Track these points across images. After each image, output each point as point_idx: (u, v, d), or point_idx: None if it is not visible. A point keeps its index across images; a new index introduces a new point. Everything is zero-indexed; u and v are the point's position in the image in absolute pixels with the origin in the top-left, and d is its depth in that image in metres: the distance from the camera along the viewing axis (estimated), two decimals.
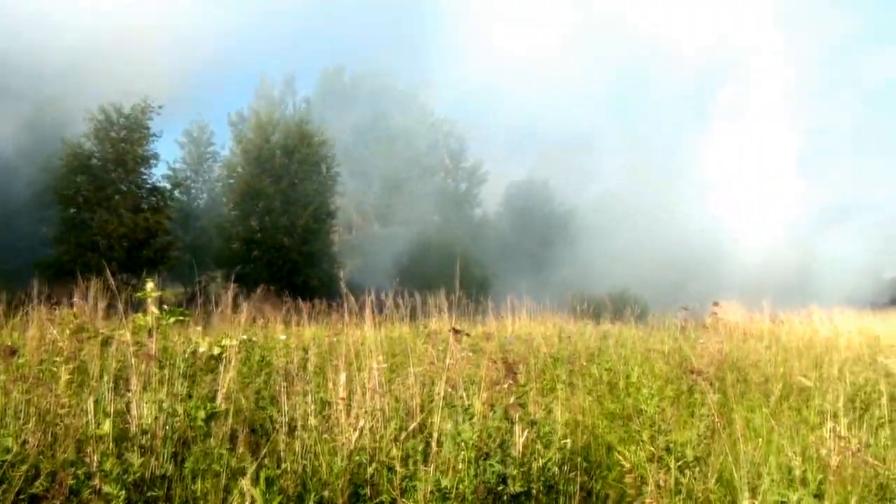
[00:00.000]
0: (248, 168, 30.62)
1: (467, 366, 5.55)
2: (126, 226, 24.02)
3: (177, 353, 5.69)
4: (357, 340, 5.62)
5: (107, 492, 3.16)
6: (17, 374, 4.51)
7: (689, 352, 8.25)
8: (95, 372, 4.96)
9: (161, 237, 25.84)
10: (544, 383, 6.93)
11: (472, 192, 49.03)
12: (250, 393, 5.41)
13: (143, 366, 4.39)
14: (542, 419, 4.38)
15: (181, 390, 4.63)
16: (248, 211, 30.01)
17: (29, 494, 3.22)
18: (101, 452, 3.47)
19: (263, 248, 28.94)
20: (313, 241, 29.99)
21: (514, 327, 11.76)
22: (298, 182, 30.40)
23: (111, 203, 24.76)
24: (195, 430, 4.06)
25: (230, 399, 4.65)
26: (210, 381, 5.20)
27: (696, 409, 6.05)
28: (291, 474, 3.81)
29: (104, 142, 25.13)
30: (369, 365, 4.63)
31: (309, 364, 5.85)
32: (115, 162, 25.05)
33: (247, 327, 7.97)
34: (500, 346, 8.23)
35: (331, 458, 3.85)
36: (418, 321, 9.84)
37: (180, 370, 4.88)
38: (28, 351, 5.43)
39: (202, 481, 3.58)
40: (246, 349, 7.09)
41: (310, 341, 7.68)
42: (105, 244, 23.48)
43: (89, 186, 24.68)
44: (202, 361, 6.11)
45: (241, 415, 4.59)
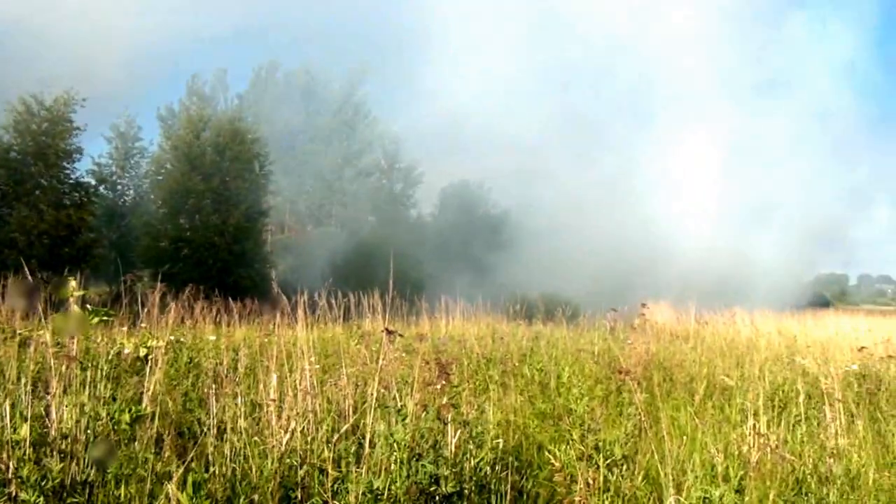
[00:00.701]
0: (177, 165, 29.85)
1: (400, 366, 5.55)
2: (47, 222, 23.10)
3: (100, 354, 5.51)
4: (289, 341, 5.56)
5: (24, 499, 3.03)
6: None
7: (617, 352, 8.44)
8: (12, 374, 4.76)
9: (84, 234, 24.95)
10: (477, 384, 6.99)
11: (407, 193, 49.04)
12: (178, 395, 5.29)
13: (64, 368, 4.24)
14: (475, 419, 4.42)
15: (105, 393, 4.49)
16: (178, 209, 29.27)
17: None
18: (18, 458, 3.33)
19: (193, 246, 28.26)
20: (245, 240, 29.46)
21: (447, 328, 11.81)
22: (230, 180, 29.80)
23: (31, 198, 23.77)
24: (119, 434, 3.94)
25: (157, 402, 4.54)
26: (136, 384, 5.07)
27: (624, 408, 6.21)
28: (220, 478, 3.74)
29: (24, 134, 24.12)
30: (301, 366, 4.59)
31: (239, 365, 5.76)
32: (36, 155, 24.04)
33: (175, 328, 7.77)
34: (433, 346, 8.25)
35: (261, 461, 3.80)
36: (352, 322, 9.78)
37: (104, 372, 4.73)
38: None
39: (126, 486, 3.48)
40: (174, 350, 6.93)
41: (240, 342, 7.55)
42: (24, 241, 22.51)
43: (8, 181, 23.65)
44: (127, 363, 5.94)
45: (168, 418, 4.48)
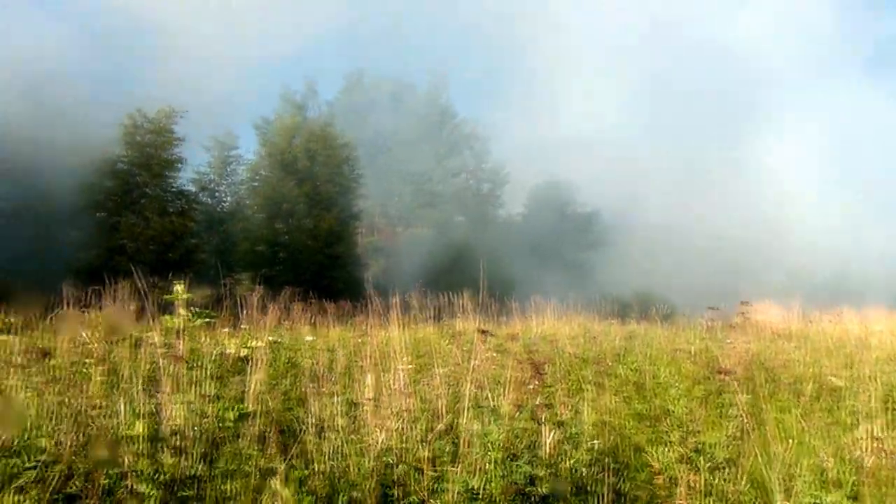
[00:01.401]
0: (272, 171, 30.84)
1: (493, 366, 5.54)
2: (153, 229, 24.30)
3: (205, 354, 5.75)
4: (382, 342, 5.64)
5: (140, 491, 3.20)
6: (50, 375, 4.59)
7: (716, 352, 8.17)
8: (126, 374, 5.02)
9: (187, 240, 26.10)
10: (570, 384, 6.90)
11: (495, 193, 48.93)
12: (278, 394, 5.44)
13: (173, 367, 4.44)
14: (570, 420, 4.37)
15: (210, 391, 4.67)
16: (273, 214, 30.22)
17: (65, 494, 3.27)
18: (134, 453, 3.51)
19: (288, 250, 29.13)
20: (337, 243, 30.12)
21: (539, 328, 11.72)
22: (322, 184, 30.54)
23: (138, 206, 25.06)
24: (225, 431, 4.09)
25: (259, 400, 4.69)
26: (238, 383, 5.24)
27: (724, 409, 5.99)
28: (320, 475, 3.83)
29: (131, 146, 25.45)
30: (395, 366, 4.64)
31: (336, 365, 5.88)
32: (142, 166, 25.34)
33: (273, 329, 8.02)
34: (525, 346, 8.21)
35: (359, 458, 3.86)
36: (443, 322, 9.84)
37: (209, 371, 4.93)
38: (61, 353, 5.51)
39: (233, 481, 3.61)
40: (273, 350, 7.13)
41: (336, 343, 7.72)
42: (133, 247, 23.76)
43: (117, 191, 25.01)
44: (230, 363, 6.17)
45: (270, 416, 4.61)
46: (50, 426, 3.96)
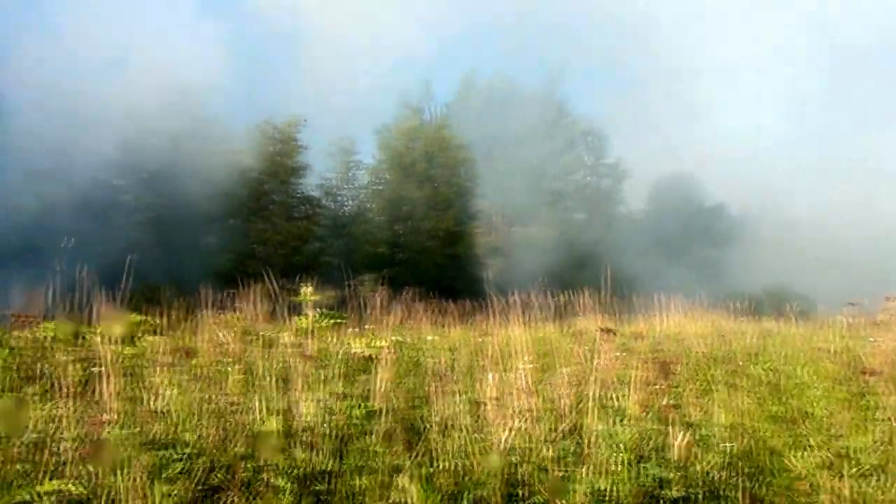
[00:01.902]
0: (391, 175, 31.57)
1: (617, 366, 5.42)
2: (280, 234, 25.49)
3: (332, 353, 5.94)
4: (503, 341, 5.63)
5: (276, 485, 3.35)
6: (193, 374, 4.88)
7: (859, 351, 7.64)
8: (260, 372, 5.26)
9: (313, 243, 27.24)
10: (700, 384, 6.65)
11: (615, 189, 47.84)
12: (403, 392, 5.54)
13: (303, 366, 4.61)
14: (701, 421, 4.21)
15: (338, 389, 4.82)
16: (394, 216, 30.93)
17: (208, 486, 3.47)
18: (270, 448, 3.68)
19: (408, 251, 29.72)
20: (456, 243, 30.45)
21: (665, 326, 11.36)
22: (440, 186, 30.97)
23: (267, 212, 26.36)
24: (353, 428, 4.22)
25: (384, 398, 4.80)
26: (364, 381, 5.38)
27: (870, 412, 5.59)
28: (446, 472, 3.87)
29: (260, 156, 26.78)
30: (517, 365, 4.63)
31: (458, 364, 5.93)
32: (270, 174, 26.64)
33: (397, 329, 8.18)
34: (650, 345, 7.98)
35: (484, 457, 3.88)
36: (564, 321, 9.71)
37: (337, 370, 5.08)
38: (202, 352, 5.84)
39: (362, 477, 3.71)
40: (397, 350, 7.27)
41: (457, 342, 7.78)
42: (263, 251, 25.00)
43: (248, 198, 26.41)
44: (356, 362, 6.33)
45: (396, 413, 4.71)
46: (193, 421, 4.22)
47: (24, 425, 3.96)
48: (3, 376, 5.44)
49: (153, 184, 26.55)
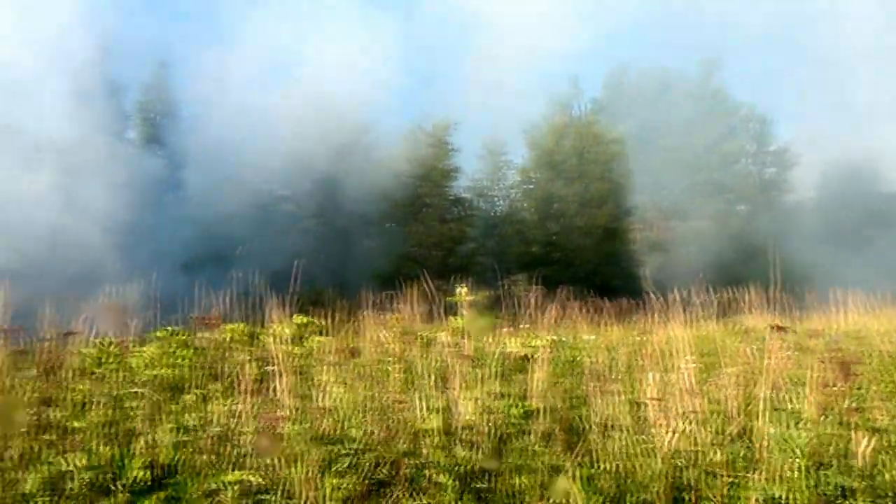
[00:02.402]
0: (541, 173, 31.41)
1: (790, 365, 5.10)
2: (435, 236, 26.14)
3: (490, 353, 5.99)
4: (663, 340, 5.46)
5: (440, 481, 3.44)
6: (357, 372, 5.10)
7: None
8: (420, 371, 5.40)
9: (466, 244, 27.70)
10: (885, 386, 6.11)
11: (781, 178, 44.85)
12: (560, 392, 5.50)
13: (461, 365, 4.69)
14: (889, 426, 3.87)
15: (496, 389, 4.86)
16: (545, 215, 30.76)
17: (375, 480, 3.62)
18: (431, 445, 3.78)
19: (562, 250, 29.44)
20: (611, 240, 29.83)
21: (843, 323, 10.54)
22: (592, 183, 30.45)
23: (421, 215, 27.11)
24: (511, 428, 4.24)
25: (542, 397, 4.78)
26: (521, 381, 5.39)
27: None
28: (607, 474, 3.81)
29: (414, 160, 27.56)
30: (679, 365, 4.47)
31: (616, 364, 5.81)
32: (423, 177, 27.38)
33: (552, 328, 8.13)
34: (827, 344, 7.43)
35: (647, 459, 3.78)
36: (728, 319, 9.27)
37: (493, 370, 5.12)
38: (365, 352, 6.08)
39: (522, 476, 3.72)
40: (553, 349, 7.23)
41: (615, 341, 7.62)
42: (419, 254, 25.72)
43: (404, 202, 27.27)
44: (513, 361, 6.36)
45: (554, 413, 4.68)
46: (359, 418, 4.41)
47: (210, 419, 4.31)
48: (190, 374, 5.94)
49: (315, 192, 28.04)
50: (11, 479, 3.41)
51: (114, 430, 4.17)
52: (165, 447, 3.80)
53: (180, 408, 4.73)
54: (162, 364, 5.92)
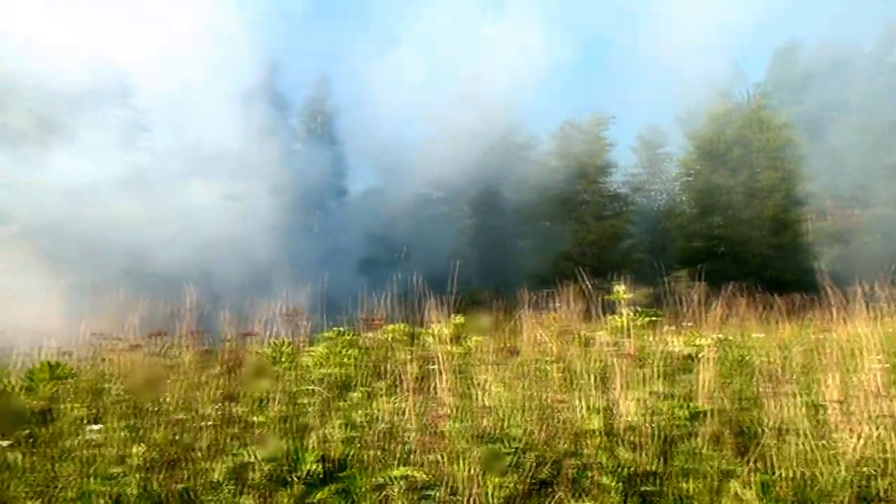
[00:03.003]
0: (702, 164, 30.02)
1: None
2: (593, 233, 25.71)
3: (652, 352, 5.81)
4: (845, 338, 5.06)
5: (604, 483, 3.38)
6: (517, 372, 5.12)
7: None
8: (579, 370, 5.34)
9: (624, 241, 27.04)
10: None
11: None
12: (730, 393, 5.24)
13: (622, 365, 4.59)
14: None
15: (660, 389, 4.71)
16: (707, 207, 29.38)
17: (537, 479, 3.61)
18: (595, 446, 3.72)
19: (727, 243, 28.01)
20: (782, 232, 28.00)
21: None
22: (759, 172, 28.73)
23: (577, 213, 26.76)
24: (678, 429, 4.09)
25: (710, 399, 4.58)
26: (687, 381, 5.19)
27: None
28: (785, 481, 3.57)
29: (566, 157, 27.29)
30: (865, 365, 4.12)
31: (791, 364, 5.45)
32: (578, 174, 27.02)
33: (719, 326, 7.76)
34: None
35: (830, 466, 3.51)
36: None
37: (656, 369, 4.97)
38: (524, 351, 6.09)
39: (691, 480, 3.58)
40: (721, 348, 6.90)
41: (789, 339, 7.15)
42: (576, 252, 25.42)
43: (558, 200, 27.06)
44: (677, 361, 6.14)
45: (724, 415, 4.46)
46: (519, 417, 4.42)
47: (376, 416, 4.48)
48: (356, 373, 6.22)
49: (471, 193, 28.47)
50: (202, 469, 3.72)
51: (289, 424, 4.44)
52: (336, 442, 3.99)
53: (348, 405, 4.95)
54: (331, 363, 6.23)
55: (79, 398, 5.30)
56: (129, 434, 4.29)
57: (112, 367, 6.42)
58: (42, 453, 4.21)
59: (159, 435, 4.20)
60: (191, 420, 4.34)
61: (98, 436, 4.20)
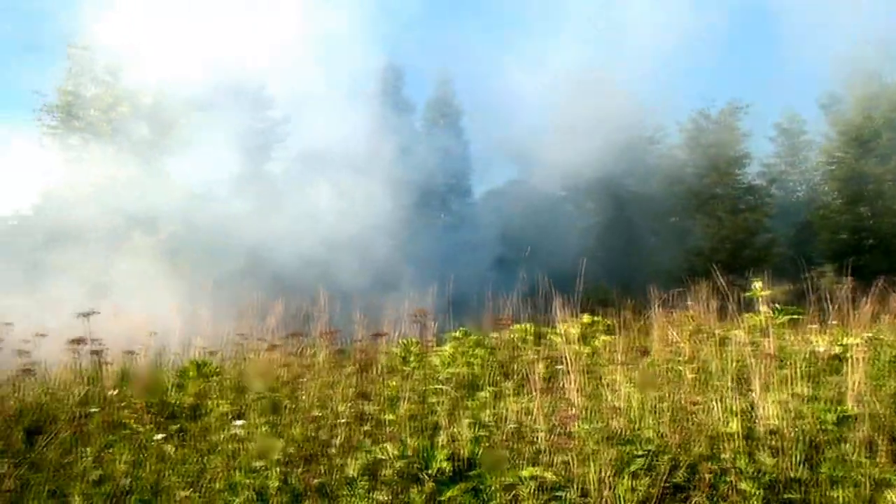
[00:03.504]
0: (848, 151, 28.04)
1: None
2: (726, 228, 24.58)
3: (794, 352, 5.51)
4: None
5: (743, 489, 3.22)
6: (647, 372, 4.98)
7: None
8: (715, 371, 5.13)
9: (761, 235, 25.66)
10: None
11: None
12: (883, 396, 4.87)
13: (762, 365, 4.37)
14: None
15: (803, 391, 4.45)
16: (854, 197, 27.41)
17: (672, 483, 3.49)
18: (733, 450, 3.56)
19: (876, 236, 26.04)
20: None
21: None
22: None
23: (709, 207, 25.66)
24: (825, 434, 3.84)
25: (861, 402, 4.28)
26: (834, 383, 4.88)
27: None
28: None
29: (695, 149, 26.26)
30: None
31: None
32: (708, 167, 25.92)
33: (869, 324, 7.25)
34: None
35: None
36: None
37: (800, 370, 4.70)
38: (655, 351, 5.93)
39: (840, 489, 3.36)
40: (872, 348, 6.43)
41: None
42: (708, 248, 24.40)
43: (687, 194, 26.07)
44: (823, 361, 5.78)
45: (876, 420, 4.15)
46: (651, 419, 4.30)
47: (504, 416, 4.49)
48: (483, 372, 6.25)
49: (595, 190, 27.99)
50: (337, 465, 3.85)
51: (419, 423, 4.53)
52: (465, 441, 4.03)
53: (476, 404, 4.99)
54: (458, 362, 6.30)
55: (223, 395, 5.63)
56: (269, 430, 4.52)
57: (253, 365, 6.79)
58: (192, 446, 4.51)
59: (297, 431, 4.39)
60: (326, 417, 4.51)
61: (241, 431, 4.45)
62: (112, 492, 3.81)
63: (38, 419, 5.24)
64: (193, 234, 17.49)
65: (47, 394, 5.74)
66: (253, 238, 18.13)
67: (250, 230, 18.22)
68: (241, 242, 17.81)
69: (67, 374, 6.27)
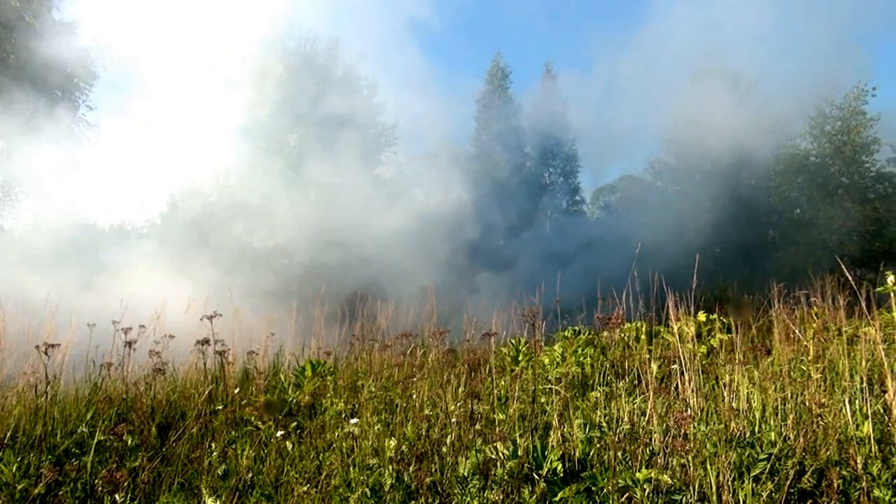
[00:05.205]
0: None
1: None
2: (854, 219, 23.11)
3: None
4: None
5: (877, 496, 3.02)
6: (769, 372, 4.76)
7: None
8: (844, 371, 4.85)
9: (893, 226, 23.96)
10: None
11: None
12: None
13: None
14: None
15: None
16: None
17: (798, 489, 3.32)
18: (864, 455, 3.34)
19: None
20: None
21: None
22: None
23: (835, 198, 24.21)
24: None
25: None
26: None
27: None
28: None
29: (819, 137, 24.86)
30: None
31: None
32: (833, 155, 24.47)
33: None
34: None
35: None
36: None
37: None
38: (776, 350, 5.66)
39: None
40: None
41: None
42: (835, 240, 23.03)
43: (811, 185, 24.70)
44: None
45: None
46: (773, 421, 4.10)
47: (616, 417, 4.39)
48: (594, 372, 6.15)
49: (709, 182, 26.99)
50: (449, 463, 3.89)
51: (529, 423, 4.50)
52: (576, 442, 3.98)
53: (587, 404, 4.91)
54: (568, 362, 6.22)
55: (338, 394, 5.80)
56: (382, 428, 4.61)
57: (366, 365, 6.96)
58: (309, 443, 4.67)
59: (409, 430, 4.46)
60: (437, 416, 4.56)
61: (356, 429, 4.57)
62: (236, 486, 4.01)
63: (169, 416, 5.58)
64: (309, 242, 18.18)
65: (176, 392, 6.09)
66: (366, 240, 18.64)
67: (361, 235, 18.74)
68: (357, 246, 18.35)
69: (194, 373, 6.63)
